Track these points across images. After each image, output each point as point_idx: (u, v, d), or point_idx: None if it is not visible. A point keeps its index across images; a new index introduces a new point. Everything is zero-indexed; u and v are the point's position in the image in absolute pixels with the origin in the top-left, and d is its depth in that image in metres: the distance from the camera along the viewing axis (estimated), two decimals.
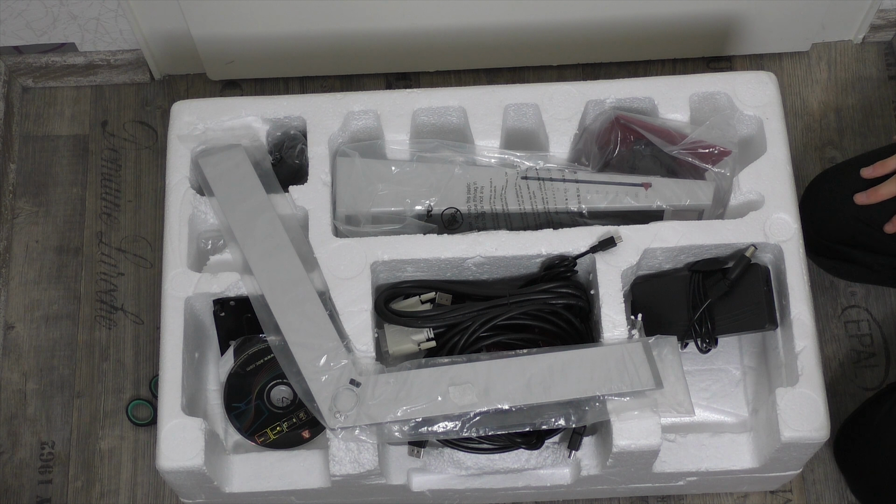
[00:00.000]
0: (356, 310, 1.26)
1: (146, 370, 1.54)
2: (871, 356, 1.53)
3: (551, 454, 1.27)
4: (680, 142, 1.32)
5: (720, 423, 1.34)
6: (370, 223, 1.32)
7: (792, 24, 1.61)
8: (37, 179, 1.64)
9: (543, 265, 1.30)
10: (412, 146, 1.36)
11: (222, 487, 1.25)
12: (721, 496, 1.46)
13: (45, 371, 1.54)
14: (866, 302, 1.55)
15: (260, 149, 1.35)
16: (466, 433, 1.21)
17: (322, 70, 1.68)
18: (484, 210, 1.32)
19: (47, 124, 1.68)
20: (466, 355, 1.24)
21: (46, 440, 1.51)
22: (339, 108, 1.35)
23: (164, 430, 1.22)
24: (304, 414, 1.29)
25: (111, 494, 1.49)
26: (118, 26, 1.58)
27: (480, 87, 1.37)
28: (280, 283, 1.26)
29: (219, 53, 1.63)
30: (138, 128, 1.67)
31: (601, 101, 1.36)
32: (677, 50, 1.67)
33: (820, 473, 1.47)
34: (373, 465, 1.21)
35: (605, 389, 1.21)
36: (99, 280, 1.59)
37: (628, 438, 1.20)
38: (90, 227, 1.62)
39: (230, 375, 1.30)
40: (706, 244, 1.28)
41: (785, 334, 1.27)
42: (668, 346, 1.24)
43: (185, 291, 1.28)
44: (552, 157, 1.35)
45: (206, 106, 1.36)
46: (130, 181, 1.64)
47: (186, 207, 1.32)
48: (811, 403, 1.22)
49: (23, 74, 1.67)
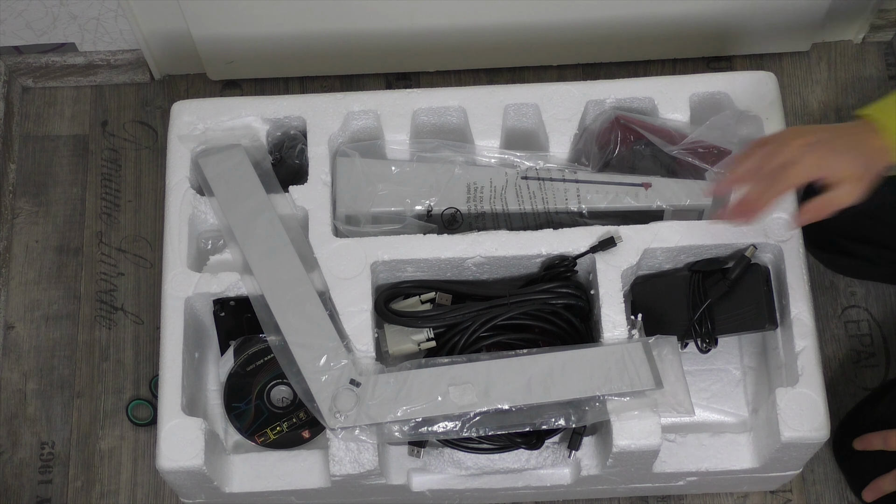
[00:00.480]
0: (356, 310, 1.26)
1: (146, 370, 1.54)
2: (871, 356, 1.53)
3: (551, 454, 1.27)
4: (680, 142, 1.32)
5: (720, 423, 1.34)
6: (370, 223, 1.32)
7: (792, 24, 1.61)
8: (37, 179, 1.64)
9: (543, 265, 1.30)
10: (412, 146, 1.36)
11: (222, 487, 1.25)
12: (721, 496, 1.46)
13: (45, 371, 1.54)
14: (866, 302, 1.55)
15: (260, 149, 1.35)
16: (466, 433, 1.21)
17: (322, 70, 1.68)
18: (484, 210, 1.32)
19: (47, 124, 1.68)
20: (466, 355, 1.24)
21: (46, 440, 1.51)
22: (339, 108, 1.35)
23: (164, 430, 1.22)
24: (304, 414, 1.29)
25: (111, 494, 1.49)
26: (118, 26, 1.58)
27: (480, 87, 1.37)
28: (280, 283, 1.26)
29: (219, 53, 1.63)
30: (138, 128, 1.67)
31: (601, 101, 1.36)
32: (677, 50, 1.67)
33: (820, 473, 1.47)
34: (373, 465, 1.21)
35: (605, 389, 1.21)
36: (99, 280, 1.59)
37: (628, 438, 1.20)
38: (90, 227, 1.62)
39: (230, 375, 1.30)
40: (706, 244, 1.28)
41: (785, 334, 1.27)
42: (668, 346, 1.24)
43: (185, 291, 1.28)
44: (552, 157, 1.35)
45: (206, 106, 1.36)
46: (130, 181, 1.64)
47: (186, 207, 1.32)
48: (811, 403, 1.22)
49: (23, 74, 1.67)
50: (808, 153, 1.13)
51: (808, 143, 1.14)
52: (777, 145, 1.16)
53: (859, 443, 1.34)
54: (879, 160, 1.14)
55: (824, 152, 1.13)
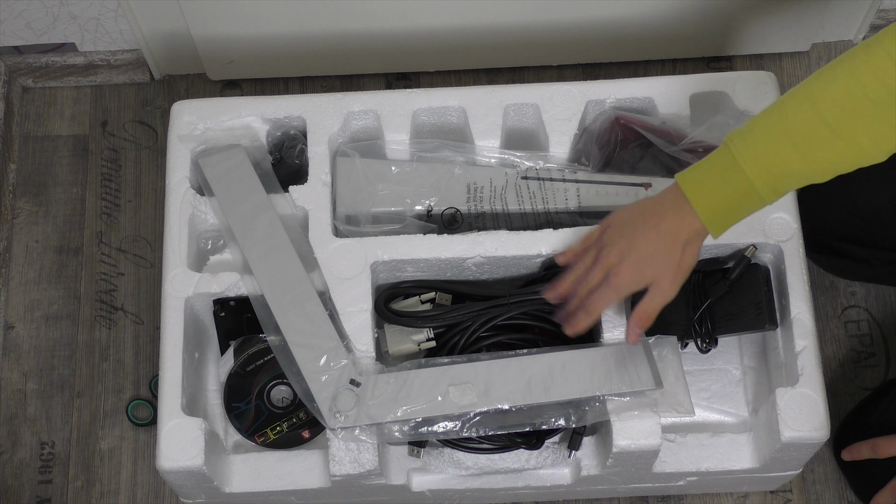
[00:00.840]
0: (356, 310, 1.26)
1: (146, 370, 1.54)
2: (871, 356, 1.53)
3: (551, 454, 1.27)
4: (680, 142, 1.32)
5: (720, 423, 1.34)
6: (370, 223, 1.32)
7: (792, 24, 1.61)
8: (37, 179, 1.64)
9: (543, 265, 1.29)
10: (412, 146, 1.36)
11: (222, 487, 1.25)
12: (721, 496, 1.46)
13: (45, 371, 1.54)
14: (866, 302, 1.55)
15: (260, 149, 1.35)
16: (466, 433, 1.21)
17: (322, 70, 1.68)
18: (484, 210, 1.32)
19: (47, 124, 1.68)
20: (466, 355, 1.24)
21: (46, 440, 1.51)
22: (339, 108, 1.35)
23: (164, 430, 1.22)
24: (304, 414, 1.29)
25: (111, 494, 1.49)
26: (118, 26, 1.58)
27: (480, 87, 1.37)
28: (280, 283, 1.26)
29: (219, 53, 1.63)
30: (138, 128, 1.67)
31: (601, 101, 1.36)
32: (677, 50, 1.67)
33: (820, 473, 1.47)
34: (373, 465, 1.21)
35: (605, 389, 1.21)
36: (99, 280, 1.59)
37: (628, 438, 1.20)
38: (90, 227, 1.62)
39: (230, 375, 1.30)
40: (706, 244, 1.28)
41: (785, 334, 1.27)
42: (668, 346, 1.24)
43: (185, 291, 1.28)
44: (552, 157, 1.35)
45: (206, 106, 1.36)
46: (130, 181, 1.64)
47: (186, 207, 1.32)
48: (811, 403, 1.22)
49: (23, 74, 1.67)
50: (620, 270, 1.15)
51: (620, 253, 1.15)
52: (592, 260, 1.18)
53: (847, 453, 1.34)
54: (692, 241, 1.14)
55: (635, 263, 1.14)
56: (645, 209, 1.16)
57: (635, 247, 1.15)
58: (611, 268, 1.16)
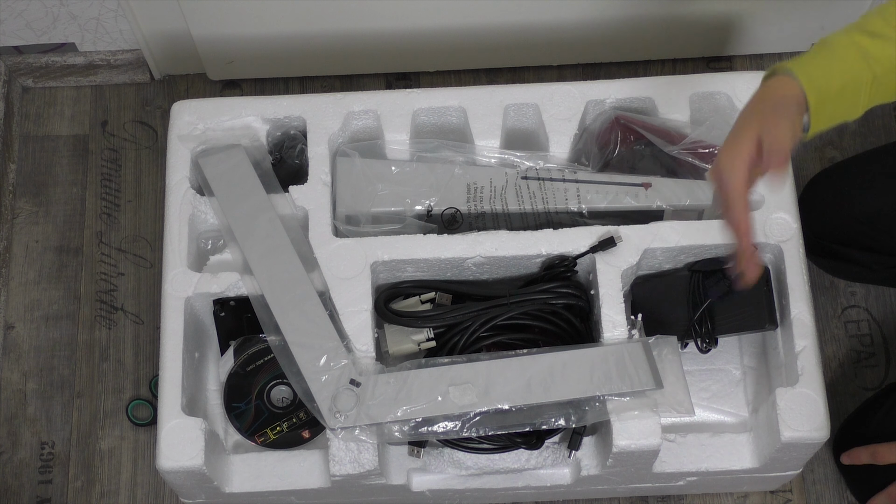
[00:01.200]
0: (356, 310, 1.26)
1: (146, 370, 1.54)
2: (871, 356, 1.53)
3: (551, 454, 1.27)
4: (680, 142, 1.32)
5: (720, 423, 1.34)
6: (370, 223, 1.32)
7: (792, 24, 1.61)
8: (37, 179, 1.64)
9: (543, 265, 1.30)
10: (412, 146, 1.36)
11: (222, 487, 1.25)
12: (721, 496, 1.46)
13: (45, 371, 1.54)
14: (866, 302, 1.55)
15: (260, 149, 1.35)
16: (466, 433, 1.21)
17: (322, 70, 1.68)
18: (484, 210, 1.32)
19: (47, 124, 1.68)
20: (466, 355, 1.24)
21: (46, 440, 1.51)
22: (339, 108, 1.35)
23: (164, 430, 1.22)
24: (304, 414, 1.29)
25: (111, 494, 1.49)
26: (118, 26, 1.58)
27: (480, 87, 1.37)
28: (280, 283, 1.26)
29: (219, 53, 1.63)
30: (138, 128, 1.67)
31: (601, 101, 1.36)
32: (677, 50, 1.67)
33: (820, 473, 1.47)
34: (373, 465, 1.21)
35: (605, 389, 1.21)
36: (99, 280, 1.59)
37: (628, 438, 1.20)
38: (90, 227, 1.62)
39: (230, 375, 1.30)
40: (706, 244, 1.28)
41: (785, 334, 1.27)
42: (668, 346, 1.24)
43: (185, 291, 1.28)
44: (552, 157, 1.35)
45: (206, 106, 1.36)
46: (130, 181, 1.64)
47: (186, 207, 1.32)
48: (811, 403, 1.22)
49: (23, 74, 1.67)
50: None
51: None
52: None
53: (847, 457, 1.34)
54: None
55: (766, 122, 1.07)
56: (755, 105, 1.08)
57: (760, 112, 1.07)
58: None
